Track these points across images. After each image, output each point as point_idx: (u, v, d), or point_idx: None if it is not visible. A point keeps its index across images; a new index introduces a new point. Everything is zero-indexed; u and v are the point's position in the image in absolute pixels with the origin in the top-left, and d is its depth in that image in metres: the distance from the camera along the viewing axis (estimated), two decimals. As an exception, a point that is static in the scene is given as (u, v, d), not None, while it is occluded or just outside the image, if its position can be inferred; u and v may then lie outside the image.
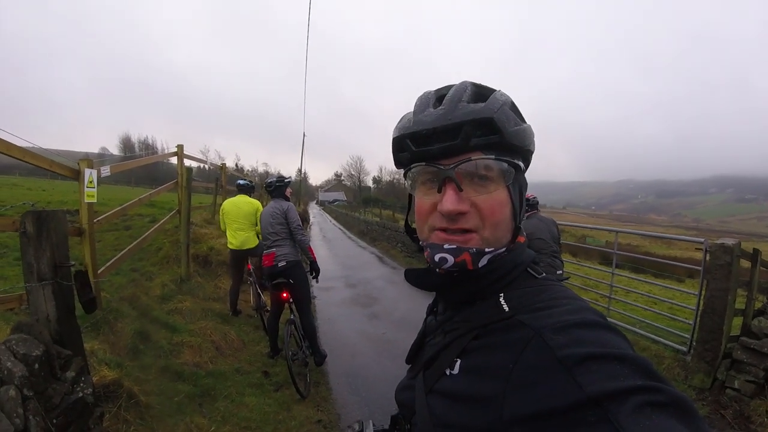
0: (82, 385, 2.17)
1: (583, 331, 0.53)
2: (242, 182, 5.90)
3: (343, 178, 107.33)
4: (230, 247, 5.71)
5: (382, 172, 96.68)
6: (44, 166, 3.13)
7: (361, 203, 46.77)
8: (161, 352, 3.87)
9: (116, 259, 4.43)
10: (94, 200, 3.69)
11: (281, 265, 4.29)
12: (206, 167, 12.26)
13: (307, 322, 4.40)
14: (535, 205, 4.70)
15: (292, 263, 4.32)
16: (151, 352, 3.76)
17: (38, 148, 3.42)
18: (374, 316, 6.75)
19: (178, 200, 6.40)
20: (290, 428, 3.39)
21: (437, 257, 0.67)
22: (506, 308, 0.64)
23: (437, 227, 0.68)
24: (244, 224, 5.61)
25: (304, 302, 4.42)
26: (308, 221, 25.11)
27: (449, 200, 0.65)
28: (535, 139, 0.73)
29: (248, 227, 5.64)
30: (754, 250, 4.23)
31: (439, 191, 0.67)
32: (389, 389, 3.73)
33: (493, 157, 0.66)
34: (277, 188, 4.48)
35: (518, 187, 0.71)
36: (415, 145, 0.69)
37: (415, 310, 6.94)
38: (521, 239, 0.74)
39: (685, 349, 4.38)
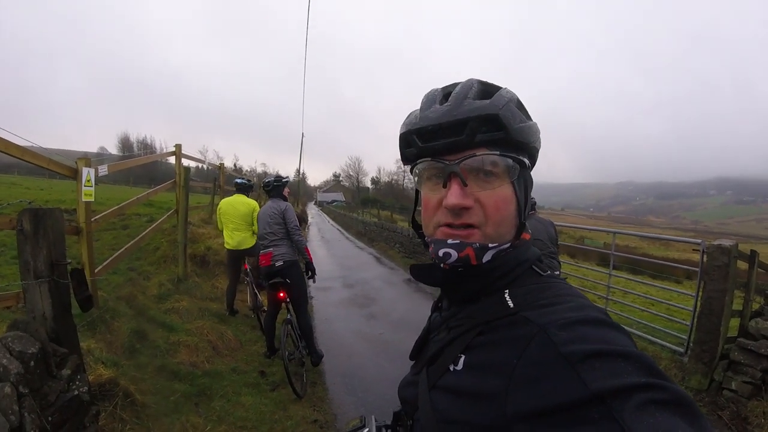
0: (77, 383, 2.17)
1: (587, 328, 0.54)
2: (240, 181, 5.88)
3: (341, 178, 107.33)
4: (227, 247, 5.71)
5: (380, 173, 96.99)
6: (42, 164, 3.13)
7: (359, 204, 46.78)
8: (158, 351, 3.86)
9: (113, 258, 4.43)
10: (91, 199, 3.69)
11: (278, 264, 4.29)
12: (204, 167, 12.26)
13: (304, 321, 4.40)
14: (533, 206, 4.70)
15: (289, 263, 4.32)
16: (147, 351, 3.75)
17: (37, 146, 3.42)
18: (372, 316, 6.73)
19: (175, 200, 6.40)
20: (286, 428, 3.39)
21: (441, 252, 0.68)
22: (511, 304, 0.64)
23: (442, 223, 0.69)
24: (240, 224, 5.61)
25: (301, 302, 4.43)
26: (306, 221, 25.08)
27: (454, 194, 0.66)
28: (540, 136, 0.73)
29: (245, 227, 5.64)
30: (751, 251, 4.24)
31: (444, 186, 0.68)
32: (386, 390, 3.74)
33: (497, 153, 0.66)
34: (275, 188, 4.48)
35: (523, 184, 0.71)
36: (421, 140, 0.70)
37: (412, 310, 6.93)
38: (526, 236, 0.74)
39: (682, 350, 4.38)
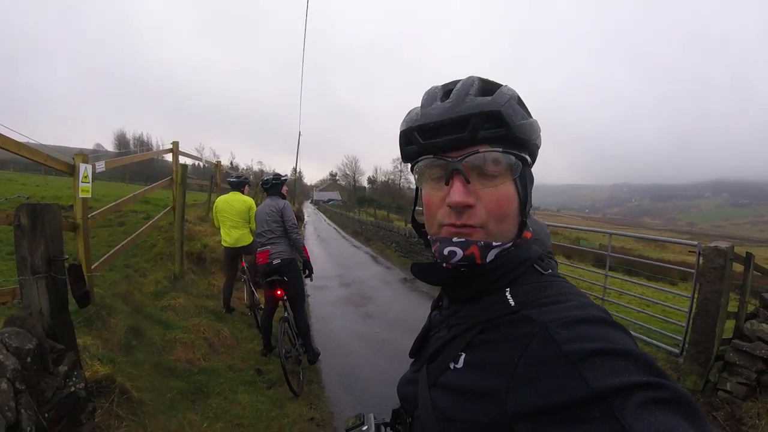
0: (74, 379, 2.16)
1: (588, 326, 0.53)
2: (233, 179, 5.86)
3: (338, 177, 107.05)
4: (224, 244, 5.70)
5: (377, 172, 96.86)
6: (39, 160, 3.11)
7: (355, 203, 46.73)
8: (154, 348, 3.85)
9: (110, 254, 4.41)
10: (88, 195, 3.67)
11: (276, 262, 4.29)
12: (201, 165, 12.22)
13: (300, 320, 4.40)
14: None
15: (286, 261, 4.32)
16: (144, 348, 3.74)
17: (35, 143, 3.40)
18: (368, 315, 6.75)
19: (172, 197, 6.38)
20: (283, 426, 3.39)
21: (446, 251, 0.67)
22: (512, 303, 0.64)
23: (446, 222, 0.68)
24: (237, 222, 5.60)
25: (298, 300, 4.43)
26: (303, 220, 25.05)
27: (457, 192, 0.65)
28: (541, 133, 0.73)
29: (242, 225, 5.63)
30: (747, 253, 4.26)
31: (446, 184, 0.67)
32: (382, 388, 3.75)
33: (500, 150, 0.66)
34: (273, 186, 4.49)
35: (525, 181, 0.71)
36: (422, 137, 0.69)
37: (408, 309, 6.95)
38: (527, 234, 0.74)
39: (677, 351, 4.40)
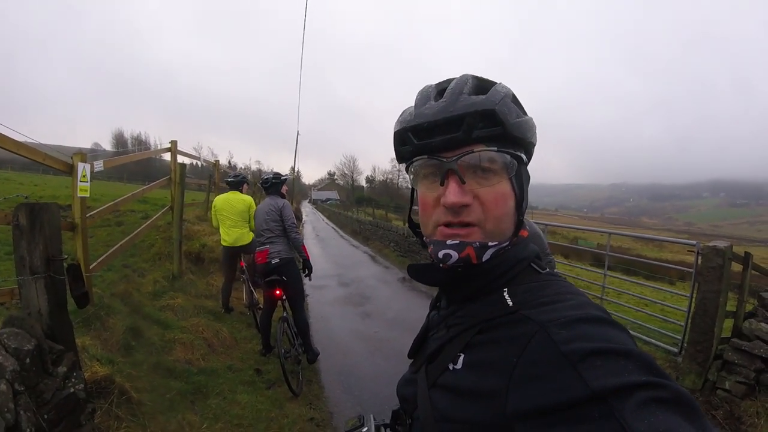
0: (73, 380, 2.15)
1: (587, 326, 0.53)
2: (231, 179, 5.84)
3: (336, 177, 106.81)
4: (223, 244, 5.68)
5: (375, 171, 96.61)
6: (38, 159, 3.09)
7: (354, 202, 46.65)
8: (153, 348, 3.84)
9: (108, 254, 4.40)
10: (87, 195, 3.66)
11: (275, 262, 4.28)
12: (199, 164, 12.19)
13: (300, 319, 4.39)
14: None
15: (285, 260, 4.31)
16: (142, 348, 3.73)
17: (34, 142, 3.39)
18: (367, 314, 6.75)
19: (170, 197, 6.35)
20: (283, 426, 3.38)
21: (441, 254, 0.67)
22: (510, 303, 0.64)
23: (441, 222, 0.67)
24: (237, 221, 5.58)
25: (297, 300, 4.42)
26: (301, 219, 25.02)
27: (452, 192, 0.64)
28: (536, 131, 0.73)
29: (241, 224, 5.61)
30: (745, 253, 4.27)
31: (441, 184, 0.67)
32: (382, 388, 3.74)
33: (495, 149, 0.66)
34: (273, 185, 4.47)
35: (521, 179, 0.70)
36: (416, 138, 0.69)
37: (407, 309, 6.96)
38: (524, 233, 0.73)
39: (676, 350, 4.41)
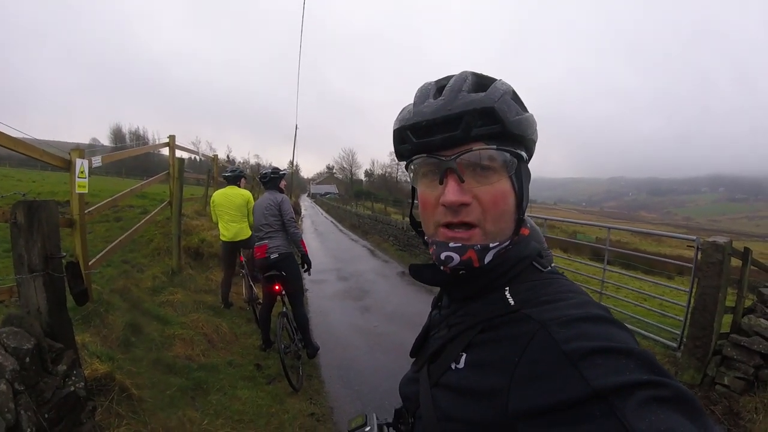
0: (73, 378, 2.14)
1: (588, 325, 0.53)
2: (228, 173, 5.82)
3: (335, 170, 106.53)
4: (222, 239, 5.66)
5: (374, 165, 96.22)
6: (35, 156, 3.07)
7: (352, 196, 46.62)
8: (153, 344, 3.84)
9: (107, 250, 4.38)
10: (85, 191, 3.64)
11: (273, 257, 4.27)
12: (198, 158, 12.15)
13: (299, 314, 4.40)
14: None
15: (284, 255, 4.30)
16: (142, 344, 3.73)
17: (31, 138, 3.36)
18: (366, 309, 6.76)
19: (169, 191, 6.34)
20: (283, 421, 3.39)
21: (443, 256, 0.67)
22: (512, 302, 0.64)
23: (442, 222, 0.67)
24: (236, 216, 5.57)
25: (296, 295, 4.42)
26: (300, 213, 24.99)
27: (451, 191, 0.64)
28: (537, 127, 0.72)
29: (240, 218, 5.60)
30: (744, 248, 4.27)
31: (440, 183, 0.66)
32: (382, 382, 3.76)
33: (494, 147, 0.65)
34: (271, 180, 4.46)
35: (521, 177, 0.70)
36: (415, 136, 0.69)
37: (407, 303, 6.98)
38: (525, 231, 0.73)
39: (675, 345, 4.42)
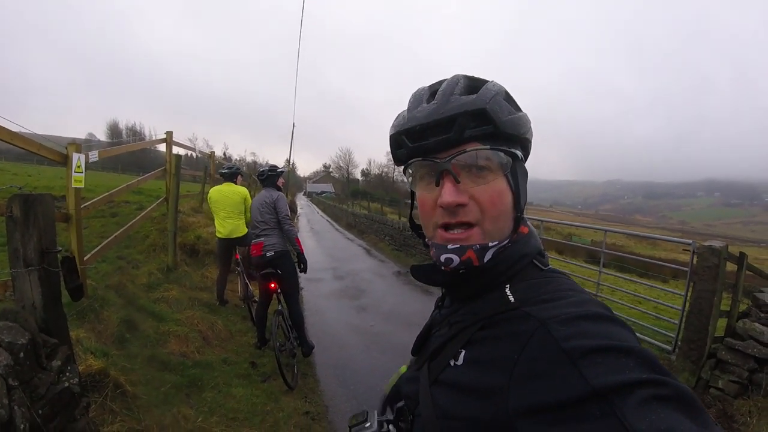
0: (68, 374, 2.13)
1: (588, 323, 0.53)
2: (224, 170, 5.81)
3: (331, 169, 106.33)
4: (218, 235, 5.66)
5: (370, 165, 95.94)
6: (33, 149, 3.05)
7: (349, 195, 46.58)
8: (147, 341, 3.82)
9: (102, 246, 4.35)
10: (81, 185, 3.61)
11: (269, 255, 4.26)
12: (195, 155, 12.12)
13: (295, 312, 4.39)
14: None
15: (280, 253, 4.29)
16: (137, 341, 3.71)
17: (29, 132, 3.34)
18: (362, 308, 6.76)
19: (165, 188, 6.32)
20: (278, 420, 3.37)
21: (443, 258, 0.68)
22: (512, 299, 0.65)
23: (440, 223, 0.68)
24: (232, 213, 5.56)
25: (292, 293, 4.42)
26: (296, 212, 24.95)
27: (447, 192, 0.65)
28: (531, 126, 0.74)
29: (236, 215, 5.60)
30: (740, 253, 4.29)
31: (437, 185, 0.67)
32: (377, 382, 3.76)
33: (488, 147, 0.66)
34: (269, 177, 4.45)
35: (517, 176, 0.70)
36: (410, 140, 0.70)
37: (403, 303, 6.99)
38: (524, 230, 0.73)
39: (670, 348, 4.44)
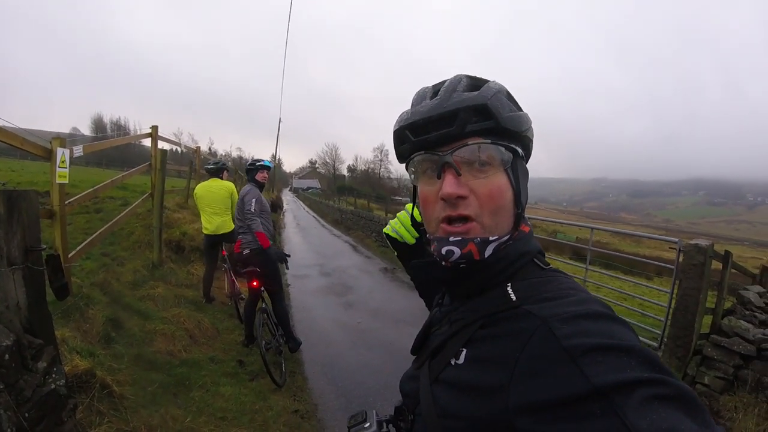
0: (54, 376, 2.07)
1: (590, 322, 0.54)
2: (210, 166, 5.77)
3: (317, 165, 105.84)
4: (205, 232, 5.59)
5: (357, 161, 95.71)
6: (15, 144, 2.96)
7: (335, 191, 46.47)
8: (134, 340, 3.76)
9: (87, 243, 4.26)
10: (66, 181, 3.53)
11: (245, 252, 4.27)
12: (180, 150, 11.97)
13: (278, 309, 4.39)
14: None
15: (256, 251, 4.27)
16: (123, 340, 3.64)
17: (15, 126, 3.25)
18: (349, 305, 6.76)
19: (151, 183, 6.21)
20: (267, 418, 3.35)
21: (444, 250, 0.68)
22: (514, 297, 0.65)
23: (441, 216, 0.68)
24: (219, 208, 5.51)
25: (274, 290, 4.41)
26: (282, 208, 24.79)
27: (448, 184, 0.66)
28: (532, 126, 0.74)
29: (223, 211, 5.54)
30: (725, 251, 4.37)
31: (438, 177, 0.68)
32: (365, 378, 3.77)
33: (489, 141, 0.67)
34: (248, 172, 4.49)
35: (517, 172, 0.71)
36: (413, 135, 0.71)
37: (390, 300, 7.01)
38: (525, 228, 0.74)
39: (655, 344, 4.50)
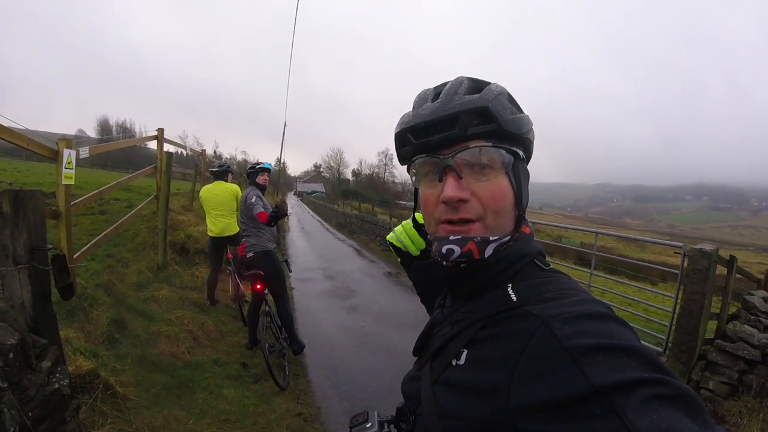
0: (58, 375, 2.08)
1: (590, 322, 0.54)
2: (215, 169, 5.79)
3: (322, 169, 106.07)
4: (210, 234, 5.61)
5: (361, 165, 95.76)
6: (22, 144, 2.98)
7: (339, 195, 46.54)
8: (137, 341, 3.77)
9: (92, 244, 4.29)
10: (72, 182, 3.55)
11: (249, 255, 4.28)
12: (185, 153, 12.02)
13: (283, 311, 4.39)
14: None
15: (259, 254, 4.28)
16: (127, 341, 3.65)
17: (23, 128, 3.27)
18: (353, 308, 6.75)
19: (156, 185, 6.24)
20: (270, 421, 3.34)
21: (444, 249, 0.68)
22: (514, 298, 0.65)
23: (442, 219, 0.68)
24: (224, 211, 5.53)
25: (278, 293, 4.42)
26: (286, 213, 24.83)
27: (449, 187, 0.66)
28: (533, 128, 0.74)
29: (228, 214, 5.57)
30: (730, 256, 4.34)
31: (440, 180, 0.68)
32: (368, 382, 3.75)
33: (491, 144, 0.67)
34: (249, 175, 4.53)
35: (519, 175, 0.71)
36: (415, 137, 0.71)
37: (393, 303, 7.00)
38: (526, 230, 0.74)
39: (660, 349, 4.46)
